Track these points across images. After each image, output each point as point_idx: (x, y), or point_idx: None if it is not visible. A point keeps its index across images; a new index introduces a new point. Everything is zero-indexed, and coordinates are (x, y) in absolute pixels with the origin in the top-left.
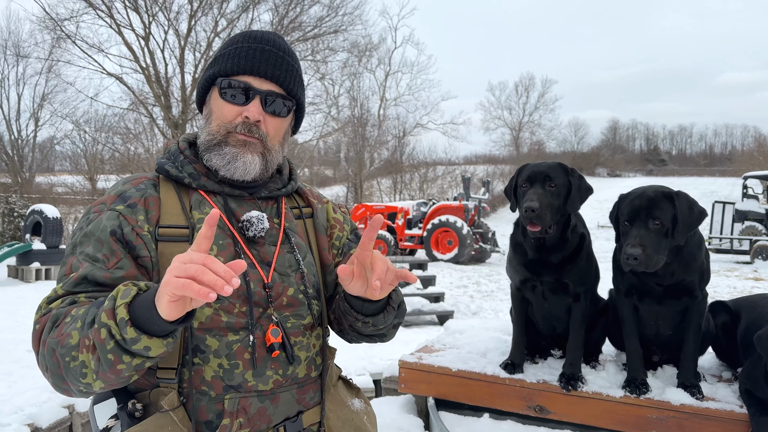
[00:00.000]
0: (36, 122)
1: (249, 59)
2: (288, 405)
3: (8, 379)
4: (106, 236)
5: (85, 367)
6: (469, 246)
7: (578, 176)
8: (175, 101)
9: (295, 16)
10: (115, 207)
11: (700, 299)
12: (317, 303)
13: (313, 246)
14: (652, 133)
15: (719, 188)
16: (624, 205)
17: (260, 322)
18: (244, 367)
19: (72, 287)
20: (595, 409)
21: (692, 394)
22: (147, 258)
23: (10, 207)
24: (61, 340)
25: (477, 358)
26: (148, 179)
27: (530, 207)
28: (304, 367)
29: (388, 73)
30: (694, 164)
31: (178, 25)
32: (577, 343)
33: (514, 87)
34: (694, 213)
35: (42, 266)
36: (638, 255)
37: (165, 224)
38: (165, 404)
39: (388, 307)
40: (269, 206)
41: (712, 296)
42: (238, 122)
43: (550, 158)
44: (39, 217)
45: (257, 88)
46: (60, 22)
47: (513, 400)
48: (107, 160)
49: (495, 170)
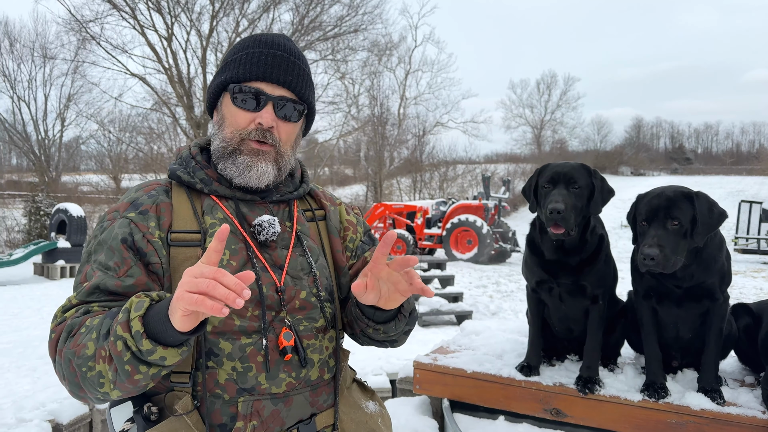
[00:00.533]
0: (62, 122)
1: (261, 65)
2: (301, 407)
3: (32, 375)
4: (117, 244)
5: (102, 377)
6: (488, 245)
7: (600, 178)
8: (197, 101)
9: (315, 16)
10: (126, 214)
11: (721, 302)
12: (330, 306)
13: (326, 248)
14: (677, 131)
15: (746, 187)
16: (642, 205)
17: (273, 325)
18: (258, 370)
19: (85, 297)
20: (612, 413)
21: (713, 398)
22: (158, 264)
23: (37, 206)
24: (78, 350)
25: (493, 360)
26: (160, 185)
27: (556, 209)
28: (317, 370)
29: (408, 72)
30: (720, 163)
31: (200, 26)
32: (595, 346)
33: (536, 85)
34: (714, 214)
35: (67, 264)
36: (655, 255)
37: (177, 229)
38: (179, 408)
39: (399, 315)
40: (281, 209)
41: (738, 298)
42: (251, 129)
43: (572, 157)
44: (64, 216)
45: (269, 94)
46: (85, 24)
47: (529, 402)
48: (131, 160)
49: (516, 169)
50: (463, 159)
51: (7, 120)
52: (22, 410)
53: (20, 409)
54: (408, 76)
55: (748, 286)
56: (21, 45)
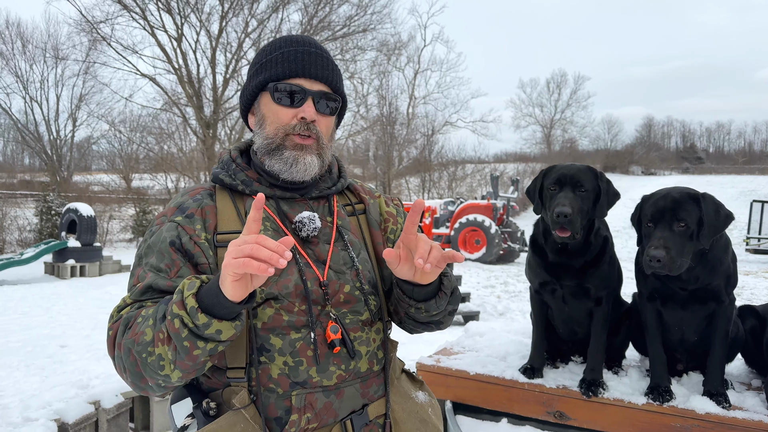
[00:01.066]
0: (74, 122)
1: (299, 62)
2: (353, 399)
3: (41, 374)
4: (166, 247)
5: (162, 359)
6: (497, 245)
7: (606, 181)
8: (207, 101)
9: (324, 16)
10: (174, 218)
11: (727, 304)
12: (374, 298)
13: (367, 242)
14: (689, 130)
15: (759, 186)
16: (647, 206)
17: (319, 319)
18: (308, 364)
19: (139, 296)
20: (616, 416)
21: (718, 402)
22: (205, 265)
23: (48, 205)
24: (136, 338)
25: (496, 362)
26: (205, 189)
27: (562, 212)
28: (366, 362)
29: (417, 71)
30: (732, 162)
31: (210, 26)
32: (599, 348)
33: (546, 84)
34: (721, 216)
35: (77, 263)
36: (661, 257)
37: (222, 230)
38: (237, 402)
39: (439, 292)
40: (320, 205)
41: (749, 299)
42: (294, 123)
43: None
44: (74, 216)
45: (309, 89)
46: (96, 25)
47: (532, 405)
48: (141, 160)
49: (526, 168)
50: (472, 158)
51: (20, 120)
52: (28, 409)
53: (26, 408)
54: (417, 76)
55: (760, 286)
56: (33, 46)
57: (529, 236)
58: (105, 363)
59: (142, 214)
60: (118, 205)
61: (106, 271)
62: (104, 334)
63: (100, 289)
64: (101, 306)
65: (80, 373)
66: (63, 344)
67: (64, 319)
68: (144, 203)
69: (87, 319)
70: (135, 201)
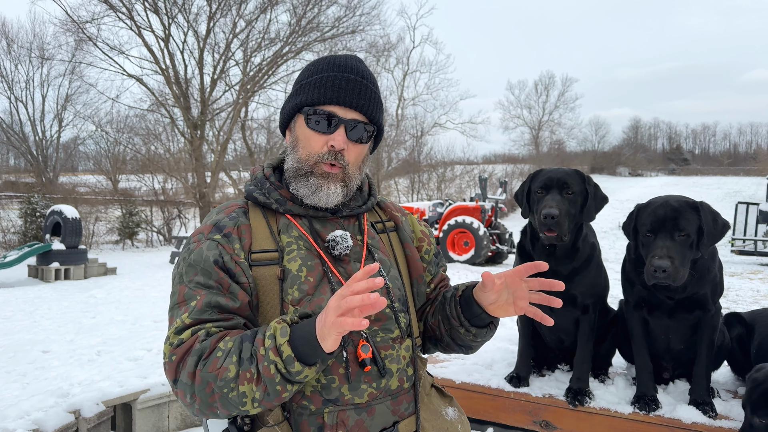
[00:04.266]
0: (60, 123)
1: (335, 89)
2: (384, 416)
3: (22, 380)
4: (210, 266)
5: (245, 396)
6: (485, 247)
7: (594, 185)
8: (195, 102)
9: (312, 17)
10: (212, 237)
11: (713, 312)
12: (404, 315)
13: (399, 259)
14: (675, 132)
15: (743, 188)
16: (645, 215)
17: (351, 338)
18: (340, 382)
19: (198, 315)
20: (602, 425)
21: (704, 411)
22: (246, 284)
23: (32, 207)
24: (219, 374)
25: (482, 370)
26: (239, 207)
27: (550, 214)
28: (396, 379)
29: (407, 73)
30: (717, 163)
31: (197, 27)
32: (585, 357)
33: (534, 86)
34: (719, 225)
35: (61, 266)
36: (667, 267)
37: (256, 249)
38: (271, 419)
39: (491, 324)
40: (351, 224)
41: (735, 300)
42: (324, 152)
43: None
44: (59, 218)
45: (342, 117)
46: (82, 25)
47: (518, 414)
48: (128, 161)
49: (514, 170)
50: (461, 160)
51: (5, 121)
52: (5, 419)
53: (4, 419)
54: (406, 77)
55: (745, 288)
56: (18, 46)
57: (517, 243)
58: (88, 369)
59: (129, 216)
60: (105, 207)
61: (92, 274)
62: (89, 338)
63: (85, 292)
64: (86, 310)
65: (62, 380)
66: (45, 349)
67: (47, 324)
68: (131, 205)
69: (71, 324)
70: (121, 202)
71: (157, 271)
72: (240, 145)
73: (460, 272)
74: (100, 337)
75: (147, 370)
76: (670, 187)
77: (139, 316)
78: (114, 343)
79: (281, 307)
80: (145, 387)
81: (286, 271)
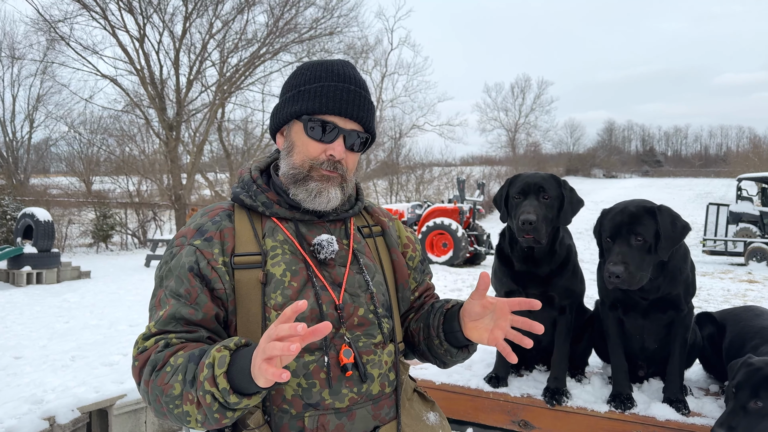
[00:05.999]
0: (31, 124)
1: (336, 100)
2: (364, 421)
3: None
4: (184, 273)
5: (189, 416)
6: (464, 248)
7: (570, 188)
8: (170, 103)
9: (290, 18)
10: (193, 242)
11: (686, 312)
12: (387, 321)
13: (385, 264)
14: (648, 134)
15: (714, 189)
16: (606, 221)
17: (333, 342)
18: (321, 386)
19: (163, 326)
20: (579, 424)
21: (678, 409)
22: (221, 290)
23: (2, 209)
24: (165, 389)
25: (461, 371)
26: (224, 210)
27: (528, 219)
28: (378, 384)
29: (385, 75)
30: (689, 165)
31: (173, 27)
32: (562, 357)
33: (510, 88)
34: (677, 228)
35: (33, 270)
36: (620, 273)
37: (240, 252)
38: (251, 423)
39: (466, 348)
40: (337, 228)
41: (706, 299)
42: (322, 159)
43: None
44: (30, 221)
45: (342, 128)
46: (54, 24)
47: (497, 414)
48: (102, 162)
49: (491, 171)
50: (439, 161)
51: None
52: None
53: None
54: (384, 79)
55: (716, 287)
56: None
57: (496, 245)
58: (62, 375)
59: (103, 218)
60: (78, 209)
61: (65, 277)
62: (62, 344)
63: (57, 296)
64: (59, 315)
65: (35, 386)
66: (18, 355)
67: (19, 329)
68: (105, 207)
69: (44, 329)
70: (95, 205)
71: (133, 274)
72: (216, 147)
73: (438, 273)
74: (75, 342)
75: (123, 375)
76: (644, 189)
77: (114, 321)
78: (89, 348)
79: (263, 312)
80: (121, 392)
81: (269, 276)
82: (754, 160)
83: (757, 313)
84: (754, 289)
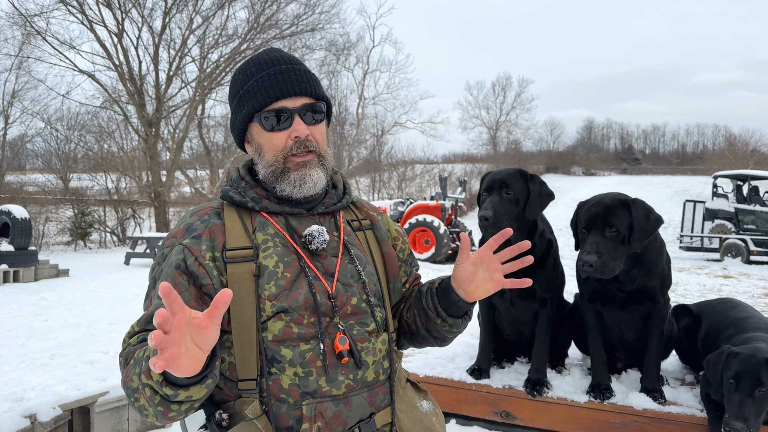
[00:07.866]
0: (6, 120)
1: (275, 85)
2: (360, 407)
3: None
4: (171, 271)
5: (145, 409)
6: (446, 245)
7: (539, 182)
8: (150, 99)
9: (271, 14)
10: (182, 241)
11: (662, 304)
12: (380, 310)
13: (375, 256)
14: (627, 133)
15: (691, 186)
16: (582, 213)
17: (328, 330)
18: (318, 374)
19: (144, 325)
20: (560, 414)
21: (654, 398)
22: (209, 285)
23: None
24: (127, 382)
25: (445, 364)
26: (212, 209)
27: (483, 216)
28: (372, 371)
29: (367, 72)
30: (666, 163)
31: (152, 22)
32: (543, 349)
33: (491, 86)
34: (651, 220)
35: (10, 268)
36: (593, 262)
37: (231, 247)
38: (249, 413)
39: (466, 315)
40: (327, 221)
41: (683, 294)
42: (290, 145)
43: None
44: (7, 218)
45: (293, 108)
46: (29, 18)
47: (480, 405)
48: (80, 159)
49: (473, 169)
50: (421, 159)
51: None
52: None
53: None
54: (366, 76)
55: (693, 282)
56: None
57: (479, 239)
58: (41, 373)
59: (81, 216)
60: (55, 207)
61: (42, 276)
62: (41, 342)
63: (35, 295)
64: (37, 313)
65: (14, 385)
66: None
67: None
68: (83, 204)
69: (22, 327)
70: (73, 202)
71: (112, 272)
72: (196, 143)
73: (421, 270)
74: (53, 341)
75: (104, 373)
76: (622, 186)
77: (94, 319)
78: (68, 346)
79: (257, 303)
80: (103, 389)
81: (261, 268)
82: (730, 158)
83: (732, 305)
84: (729, 284)
